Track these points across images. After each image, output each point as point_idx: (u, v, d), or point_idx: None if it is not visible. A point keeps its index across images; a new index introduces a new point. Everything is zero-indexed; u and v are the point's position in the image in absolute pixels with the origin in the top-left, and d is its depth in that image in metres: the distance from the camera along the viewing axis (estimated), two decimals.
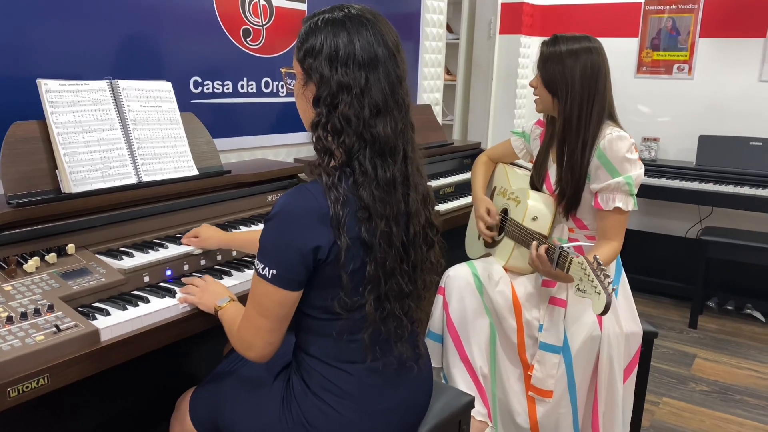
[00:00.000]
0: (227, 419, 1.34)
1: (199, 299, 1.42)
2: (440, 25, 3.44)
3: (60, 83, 1.57)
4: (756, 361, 3.16)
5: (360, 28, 1.16)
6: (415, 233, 1.25)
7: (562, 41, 1.84)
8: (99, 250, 1.54)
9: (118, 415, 1.74)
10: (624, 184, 1.77)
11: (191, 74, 2.13)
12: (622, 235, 1.83)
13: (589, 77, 1.80)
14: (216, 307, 1.38)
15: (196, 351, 1.92)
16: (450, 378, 1.93)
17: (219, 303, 1.38)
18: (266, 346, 1.22)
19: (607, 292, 1.43)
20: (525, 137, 2.17)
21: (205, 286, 1.45)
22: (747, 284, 3.79)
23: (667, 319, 3.67)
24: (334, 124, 1.15)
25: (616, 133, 1.79)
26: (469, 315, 1.91)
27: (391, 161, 1.18)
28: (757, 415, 2.65)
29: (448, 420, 1.47)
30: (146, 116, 1.74)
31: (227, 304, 1.38)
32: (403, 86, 1.20)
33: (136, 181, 1.67)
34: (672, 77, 4.01)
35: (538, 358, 1.87)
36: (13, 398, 1.09)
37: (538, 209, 1.91)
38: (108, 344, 1.25)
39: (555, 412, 1.88)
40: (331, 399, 1.24)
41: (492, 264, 1.98)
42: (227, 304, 1.38)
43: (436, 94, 3.53)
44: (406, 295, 1.25)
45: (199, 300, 1.42)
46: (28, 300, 1.27)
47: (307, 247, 1.13)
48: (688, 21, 3.90)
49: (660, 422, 2.57)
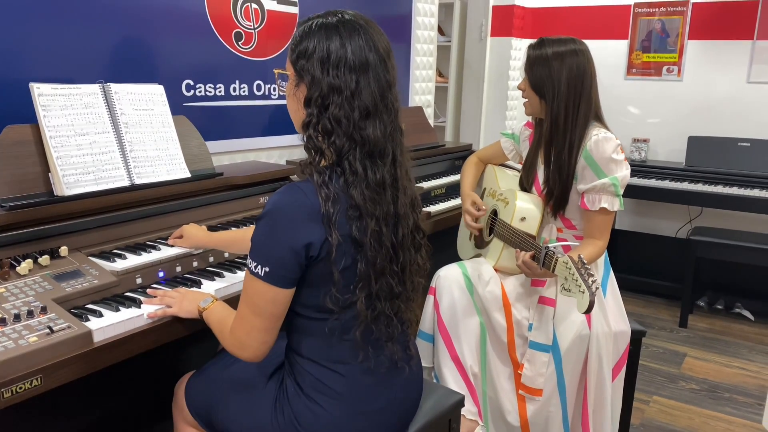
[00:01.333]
0: (221, 418, 1.36)
1: (179, 308, 1.40)
2: (431, 27, 3.46)
3: (52, 87, 1.58)
4: (745, 360, 3.20)
5: (352, 33, 1.18)
6: (403, 235, 1.27)
7: (548, 44, 1.86)
8: (92, 252, 1.55)
9: (110, 416, 1.75)
10: (610, 185, 1.80)
11: (183, 77, 2.15)
12: (607, 235, 1.86)
13: (575, 78, 1.83)
14: (200, 309, 1.37)
15: (189, 351, 1.93)
16: (441, 377, 1.95)
17: (202, 304, 1.37)
18: (260, 346, 1.23)
19: (590, 291, 1.46)
20: (515, 139, 2.19)
21: (181, 296, 1.43)
22: (736, 283, 3.83)
23: (658, 319, 3.70)
24: (324, 124, 1.17)
25: (602, 134, 1.82)
26: (459, 314, 1.93)
27: (380, 163, 1.20)
28: (746, 412, 2.68)
29: (438, 419, 1.48)
30: (138, 119, 1.75)
31: (211, 304, 1.37)
32: (393, 91, 1.23)
33: (129, 184, 1.68)
34: (661, 79, 4.04)
35: (528, 357, 1.89)
36: (7, 399, 1.10)
37: (526, 210, 1.93)
38: (101, 345, 1.26)
39: (545, 411, 1.90)
40: (322, 400, 1.25)
41: (482, 264, 2.00)
42: (211, 304, 1.37)
43: (427, 96, 3.55)
44: (396, 295, 1.27)
45: (178, 310, 1.40)
46: (21, 302, 1.28)
47: (299, 244, 1.15)
48: (677, 23, 3.94)
49: (650, 420, 2.60)
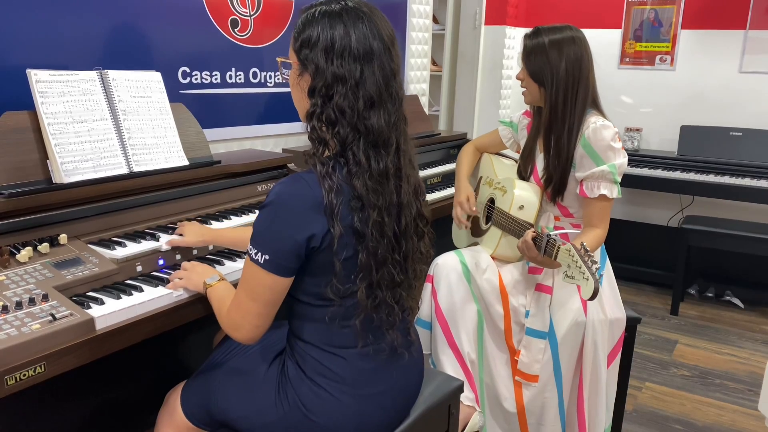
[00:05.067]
0: (221, 406, 1.35)
1: (187, 280, 1.43)
2: (426, 15, 3.45)
3: (50, 73, 1.57)
4: (735, 347, 3.24)
5: (356, 21, 1.17)
6: (406, 224, 1.27)
7: (545, 32, 1.88)
8: (91, 240, 1.54)
9: (111, 403, 1.76)
10: (608, 172, 1.81)
11: (180, 64, 2.13)
12: (607, 222, 1.88)
13: (573, 64, 1.85)
14: (205, 285, 1.39)
15: (188, 340, 1.93)
16: (438, 364, 1.96)
17: (208, 281, 1.40)
18: (254, 329, 1.24)
19: (594, 278, 1.47)
20: (513, 127, 2.20)
21: (192, 267, 1.46)
22: (727, 272, 3.88)
23: (649, 307, 3.74)
24: (328, 114, 1.16)
25: (600, 122, 1.83)
26: (457, 302, 1.94)
27: (384, 153, 1.21)
28: (735, 398, 2.72)
29: (438, 404, 1.50)
30: (136, 106, 1.74)
31: (217, 282, 1.39)
32: (397, 79, 1.23)
33: (127, 172, 1.67)
34: (654, 68, 4.06)
35: (525, 344, 1.91)
36: (11, 386, 1.10)
37: (524, 198, 1.94)
38: (103, 333, 1.26)
39: (541, 396, 1.92)
40: (325, 383, 1.26)
41: (479, 252, 2.01)
42: (217, 282, 1.39)
43: (422, 85, 3.54)
44: (397, 284, 1.28)
45: (186, 282, 1.43)
46: (23, 289, 1.28)
47: (301, 235, 1.15)
48: (670, 12, 3.95)
49: (643, 406, 2.63)
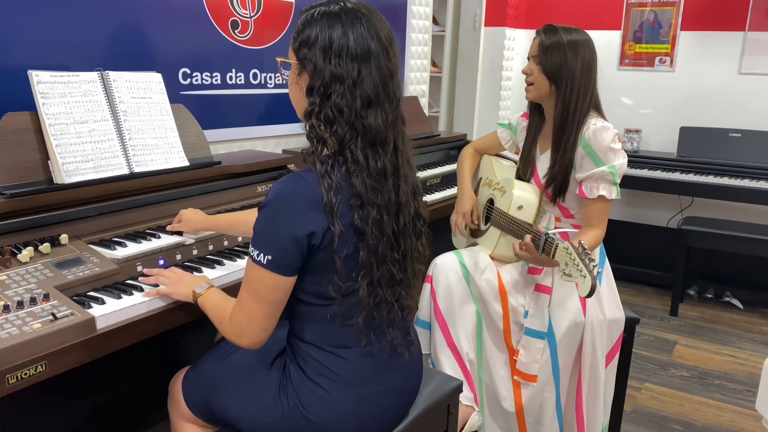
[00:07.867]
0: (222, 405, 1.36)
1: (173, 290, 1.40)
2: (426, 17, 3.46)
3: (51, 74, 1.58)
4: (734, 347, 3.25)
5: (354, 22, 1.19)
6: (405, 223, 1.28)
7: (561, 31, 1.89)
8: (92, 240, 1.55)
9: (112, 402, 1.76)
10: (608, 174, 1.82)
11: (180, 66, 2.14)
12: (605, 223, 1.88)
13: (587, 67, 1.87)
14: (195, 295, 1.37)
15: (188, 339, 1.94)
16: (437, 364, 1.97)
17: (197, 290, 1.37)
18: (260, 332, 1.23)
19: (592, 275, 1.48)
20: (511, 129, 2.21)
21: (177, 277, 1.43)
22: (726, 272, 3.89)
23: (649, 307, 3.75)
24: (326, 113, 1.18)
25: (600, 123, 1.84)
26: (456, 302, 1.95)
27: (381, 152, 1.22)
28: (734, 399, 2.73)
29: (437, 404, 1.51)
30: (137, 107, 1.75)
31: (207, 290, 1.36)
32: (395, 80, 1.24)
33: (128, 172, 1.68)
34: (654, 69, 4.07)
35: (524, 344, 1.92)
36: (12, 385, 1.10)
37: (523, 198, 1.95)
38: (104, 332, 1.27)
39: (539, 396, 1.93)
40: (325, 383, 1.27)
41: (478, 252, 2.02)
42: (207, 290, 1.36)
43: (422, 86, 3.55)
44: (397, 282, 1.29)
45: (172, 290, 1.40)
46: (24, 289, 1.28)
47: (302, 233, 1.16)
48: (669, 14, 3.96)
49: (642, 406, 2.64)
